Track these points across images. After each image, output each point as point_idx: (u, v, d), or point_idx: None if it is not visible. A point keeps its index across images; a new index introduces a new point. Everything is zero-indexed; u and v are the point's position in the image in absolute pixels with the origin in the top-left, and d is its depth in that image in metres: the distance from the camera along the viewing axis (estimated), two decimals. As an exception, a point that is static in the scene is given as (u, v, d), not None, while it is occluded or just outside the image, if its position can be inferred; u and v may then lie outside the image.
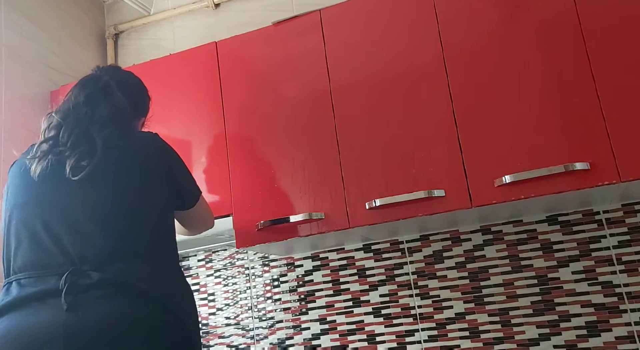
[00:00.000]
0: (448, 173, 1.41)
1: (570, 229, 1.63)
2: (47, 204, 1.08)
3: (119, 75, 1.30)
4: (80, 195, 1.07)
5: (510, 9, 1.45)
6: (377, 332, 1.76)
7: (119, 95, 1.22)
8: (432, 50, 1.50)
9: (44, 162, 1.09)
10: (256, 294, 1.95)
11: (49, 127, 1.15)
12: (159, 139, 1.23)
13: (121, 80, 1.27)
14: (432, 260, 1.75)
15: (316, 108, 1.59)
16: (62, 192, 1.08)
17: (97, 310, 0.96)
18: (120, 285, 0.99)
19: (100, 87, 1.21)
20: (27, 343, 0.94)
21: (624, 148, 1.28)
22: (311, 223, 1.52)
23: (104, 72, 1.27)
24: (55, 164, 1.09)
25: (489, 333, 1.64)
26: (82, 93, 1.18)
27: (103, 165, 1.09)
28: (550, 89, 1.37)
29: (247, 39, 1.73)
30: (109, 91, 1.21)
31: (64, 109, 1.16)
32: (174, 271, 1.14)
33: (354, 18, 1.60)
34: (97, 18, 2.41)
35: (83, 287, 0.98)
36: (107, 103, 1.19)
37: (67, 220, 1.05)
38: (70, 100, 1.18)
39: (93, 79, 1.23)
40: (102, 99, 1.19)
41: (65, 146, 1.11)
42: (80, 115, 1.15)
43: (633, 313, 1.52)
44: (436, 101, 1.46)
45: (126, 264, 1.03)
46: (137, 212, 1.10)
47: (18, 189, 1.14)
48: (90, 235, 1.04)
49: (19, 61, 1.93)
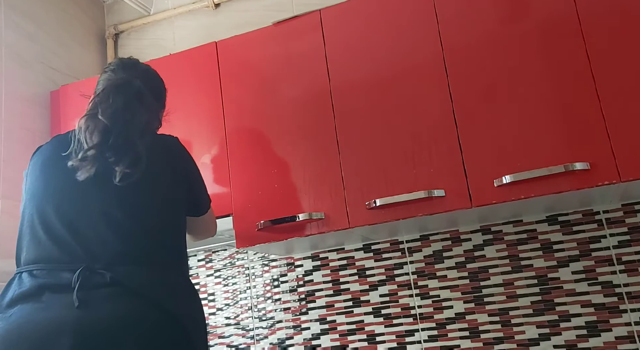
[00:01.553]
0: (448, 173, 1.41)
1: (570, 229, 1.63)
2: (70, 200, 1.10)
3: (147, 77, 1.31)
4: (114, 199, 1.09)
5: (510, 9, 1.45)
6: (377, 332, 1.76)
7: (151, 100, 1.27)
8: (432, 50, 1.50)
9: (92, 169, 1.10)
10: (256, 294, 1.95)
11: (96, 130, 1.13)
12: (180, 145, 1.28)
13: (149, 83, 1.30)
14: (432, 260, 1.75)
15: (316, 108, 1.59)
16: (95, 194, 1.10)
17: (105, 309, 0.97)
18: (129, 287, 1.00)
19: (135, 93, 1.22)
20: (37, 337, 0.94)
21: (624, 148, 1.28)
22: (311, 223, 1.52)
23: (133, 75, 1.27)
24: (100, 169, 1.10)
25: (489, 333, 1.65)
26: (119, 98, 1.19)
27: (145, 173, 1.12)
28: (550, 88, 1.37)
29: (247, 39, 1.73)
30: (143, 97, 1.24)
31: (109, 114, 1.15)
32: (184, 280, 1.15)
33: (354, 18, 1.60)
34: (97, 18, 2.41)
35: (94, 284, 0.99)
36: (143, 109, 1.22)
37: (87, 220, 1.07)
38: (109, 104, 1.17)
39: (126, 83, 1.23)
40: (138, 106, 1.21)
41: (110, 154, 1.12)
42: (124, 121, 1.16)
43: (633, 313, 1.52)
44: (436, 101, 1.46)
45: (138, 268, 1.04)
46: (156, 218, 1.12)
47: (48, 182, 1.15)
48: (107, 237, 1.05)
49: (19, 61, 1.93)
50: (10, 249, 1.70)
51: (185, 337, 1.04)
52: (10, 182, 1.77)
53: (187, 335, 1.04)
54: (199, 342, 1.09)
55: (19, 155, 1.84)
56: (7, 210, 1.74)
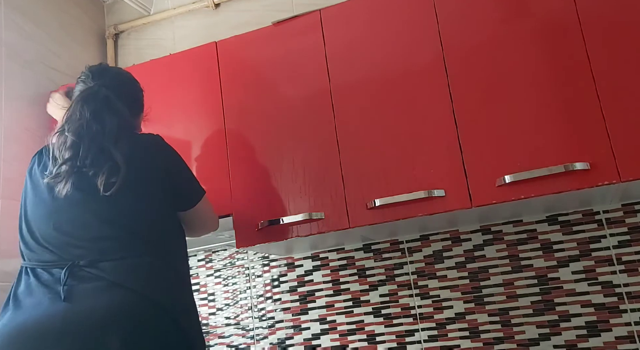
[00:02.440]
0: (448, 173, 1.41)
1: (570, 228, 1.63)
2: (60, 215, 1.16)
3: (114, 83, 1.31)
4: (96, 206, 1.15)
5: (510, 9, 1.45)
6: (377, 332, 1.76)
7: (119, 106, 1.26)
8: (432, 50, 1.50)
9: (68, 183, 1.15)
10: (256, 294, 1.95)
11: (65, 147, 1.17)
12: (159, 140, 1.28)
13: (117, 88, 1.29)
14: (432, 260, 1.75)
15: (316, 108, 1.59)
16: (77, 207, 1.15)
17: (90, 301, 1.02)
18: (113, 281, 1.05)
19: (101, 101, 1.23)
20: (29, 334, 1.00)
21: (624, 148, 1.28)
22: (311, 223, 1.51)
23: (99, 83, 1.28)
24: (78, 182, 1.15)
25: (489, 333, 1.65)
26: (86, 109, 1.21)
27: (125, 178, 1.15)
28: (550, 88, 1.37)
29: (247, 39, 1.73)
30: (111, 104, 1.24)
31: (75, 128, 1.18)
32: (171, 270, 1.17)
33: (354, 18, 1.60)
34: (97, 18, 2.41)
35: (80, 279, 1.06)
36: (112, 116, 1.22)
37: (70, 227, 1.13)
38: (76, 118, 1.20)
39: (92, 93, 1.24)
40: (106, 113, 1.22)
41: (87, 166, 1.16)
42: (93, 132, 1.18)
43: (633, 313, 1.52)
44: (436, 101, 1.46)
45: (122, 262, 1.09)
46: (139, 214, 1.16)
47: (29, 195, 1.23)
48: (89, 242, 1.12)
49: (19, 61, 1.92)
50: (10, 249, 1.70)
51: (175, 326, 1.06)
52: (10, 182, 1.77)
53: (176, 324, 1.07)
54: (191, 330, 1.11)
55: (19, 155, 1.84)
56: (7, 210, 1.74)
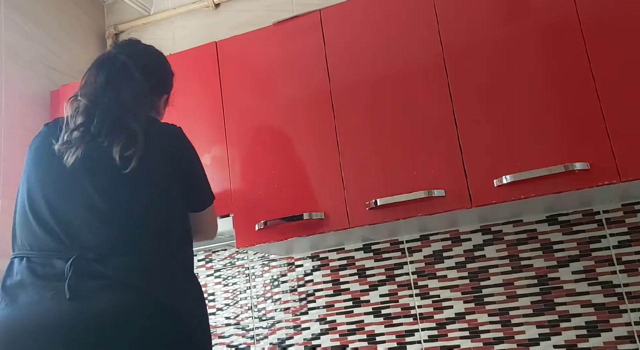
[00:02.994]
0: (448, 173, 1.41)
1: (570, 229, 1.63)
2: (57, 188, 1.05)
3: (137, 52, 1.22)
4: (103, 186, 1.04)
5: (510, 9, 1.45)
6: (377, 332, 1.76)
7: (137, 76, 1.16)
8: (432, 50, 1.49)
9: (78, 151, 1.05)
10: (256, 294, 1.95)
11: (78, 112, 1.09)
12: (182, 133, 1.20)
13: (138, 59, 1.19)
14: (432, 260, 1.75)
15: (316, 108, 1.59)
16: (83, 180, 1.05)
17: (97, 302, 0.94)
18: (121, 280, 0.97)
19: (118, 68, 1.14)
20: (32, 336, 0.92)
21: (624, 148, 1.28)
22: (311, 223, 1.52)
23: (120, 50, 1.20)
24: (90, 151, 1.05)
25: (489, 333, 1.65)
26: (100, 74, 1.12)
27: (142, 157, 1.05)
28: (550, 88, 1.37)
29: (247, 39, 1.73)
30: (128, 72, 1.15)
31: (89, 93, 1.10)
32: (180, 270, 1.09)
33: (354, 18, 1.60)
34: (97, 18, 2.41)
35: (86, 275, 0.96)
36: (128, 86, 1.13)
37: (73, 208, 1.03)
38: (90, 83, 1.11)
39: (109, 58, 1.16)
40: (123, 81, 1.13)
41: (100, 135, 1.06)
42: (107, 100, 1.09)
43: (633, 313, 1.52)
44: (436, 101, 1.46)
45: (130, 258, 1.00)
46: (153, 206, 1.07)
47: (38, 168, 1.11)
48: (94, 225, 1.01)
49: (19, 61, 1.93)
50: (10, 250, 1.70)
51: (182, 330, 1.00)
52: (10, 182, 1.77)
53: (184, 328, 1.00)
54: (199, 333, 1.04)
55: (19, 155, 1.83)
56: (7, 210, 1.74)
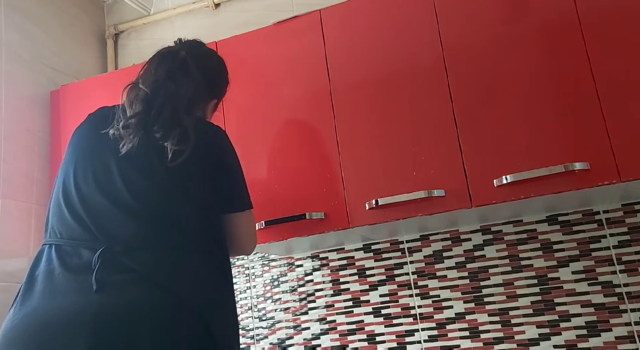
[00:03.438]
0: (448, 173, 1.41)
1: (570, 228, 1.63)
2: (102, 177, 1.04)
3: (199, 52, 1.24)
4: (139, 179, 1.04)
5: (511, 9, 1.45)
6: (377, 332, 1.76)
7: (197, 74, 1.17)
8: (432, 50, 1.49)
9: (135, 138, 1.04)
10: (256, 294, 1.95)
11: (136, 99, 1.08)
12: (226, 136, 1.21)
13: (200, 58, 1.22)
14: (432, 260, 1.75)
15: (316, 108, 1.59)
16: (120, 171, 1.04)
17: (123, 296, 0.93)
18: (148, 275, 0.96)
19: (179, 64, 1.15)
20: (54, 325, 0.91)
21: (624, 148, 1.28)
22: (311, 223, 1.51)
23: (182, 47, 1.21)
24: (144, 141, 1.05)
25: (489, 333, 1.64)
26: (161, 67, 1.13)
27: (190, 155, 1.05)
28: (550, 88, 1.37)
29: (247, 39, 1.73)
30: (188, 69, 1.16)
31: (151, 82, 1.10)
32: (208, 271, 1.06)
33: (354, 18, 1.60)
34: (97, 18, 2.41)
35: (114, 268, 0.95)
36: (189, 83, 1.14)
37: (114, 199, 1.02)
38: (151, 73, 1.12)
39: (171, 52, 1.17)
40: (183, 78, 1.14)
41: (157, 125, 1.06)
42: (167, 92, 1.09)
43: (633, 313, 1.52)
44: (436, 101, 1.46)
45: (158, 254, 0.99)
46: (186, 206, 1.06)
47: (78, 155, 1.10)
48: (128, 218, 1.00)
49: (19, 61, 1.93)
50: (11, 249, 1.70)
51: (205, 329, 0.97)
52: (10, 182, 1.77)
53: (206, 327, 0.97)
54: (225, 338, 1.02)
55: (19, 155, 1.84)
56: (7, 210, 1.74)
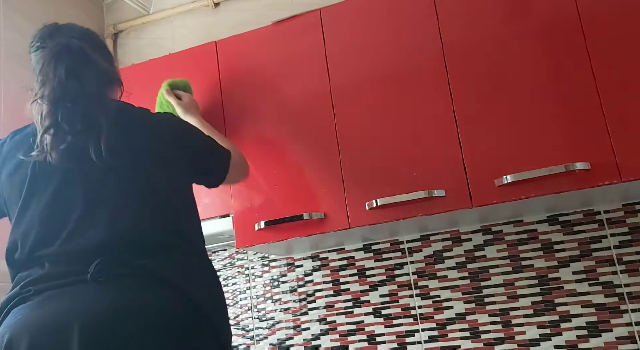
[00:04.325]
0: (448, 173, 1.41)
1: (571, 229, 1.62)
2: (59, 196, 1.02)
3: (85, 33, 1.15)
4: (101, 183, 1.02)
5: (511, 8, 1.44)
6: (378, 333, 1.76)
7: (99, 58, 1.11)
8: (433, 49, 1.49)
9: (55, 152, 1.00)
10: (256, 294, 1.94)
11: (42, 116, 1.02)
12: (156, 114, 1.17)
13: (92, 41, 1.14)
14: (433, 260, 1.75)
15: (316, 108, 1.58)
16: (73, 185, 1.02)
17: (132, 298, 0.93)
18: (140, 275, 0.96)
19: (76, 56, 1.06)
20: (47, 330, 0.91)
21: (624, 148, 1.27)
22: (311, 223, 1.51)
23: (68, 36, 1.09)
24: (67, 152, 1.01)
25: (490, 333, 1.64)
26: (59, 67, 1.04)
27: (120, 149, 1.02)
28: (550, 88, 1.37)
29: (247, 39, 1.72)
30: (88, 56, 1.08)
31: (49, 92, 1.02)
32: (202, 264, 1.08)
33: (354, 17, 1.60)
34: (97, 17, 2.40)
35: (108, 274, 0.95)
36: (91, 73, 1.06)
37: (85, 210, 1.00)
38: (50, 79, 1.03)
39: (63, 48, 1.06)
40: (85, 69, 1.06)
41: (71, 133, 1.01)
42: (70, 93, 1.02)
43: (634, 313, 1.52)
44: (436, 101, 1.46)
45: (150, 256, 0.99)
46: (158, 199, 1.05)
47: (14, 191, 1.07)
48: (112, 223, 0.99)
49: (19, 61, 1.92)
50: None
51: (207, 323, 0.99)
52: (10, 182, 1.77)
53: (208, 321, 0.99)
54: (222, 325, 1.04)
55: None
56: (7, 211, 1.74)
